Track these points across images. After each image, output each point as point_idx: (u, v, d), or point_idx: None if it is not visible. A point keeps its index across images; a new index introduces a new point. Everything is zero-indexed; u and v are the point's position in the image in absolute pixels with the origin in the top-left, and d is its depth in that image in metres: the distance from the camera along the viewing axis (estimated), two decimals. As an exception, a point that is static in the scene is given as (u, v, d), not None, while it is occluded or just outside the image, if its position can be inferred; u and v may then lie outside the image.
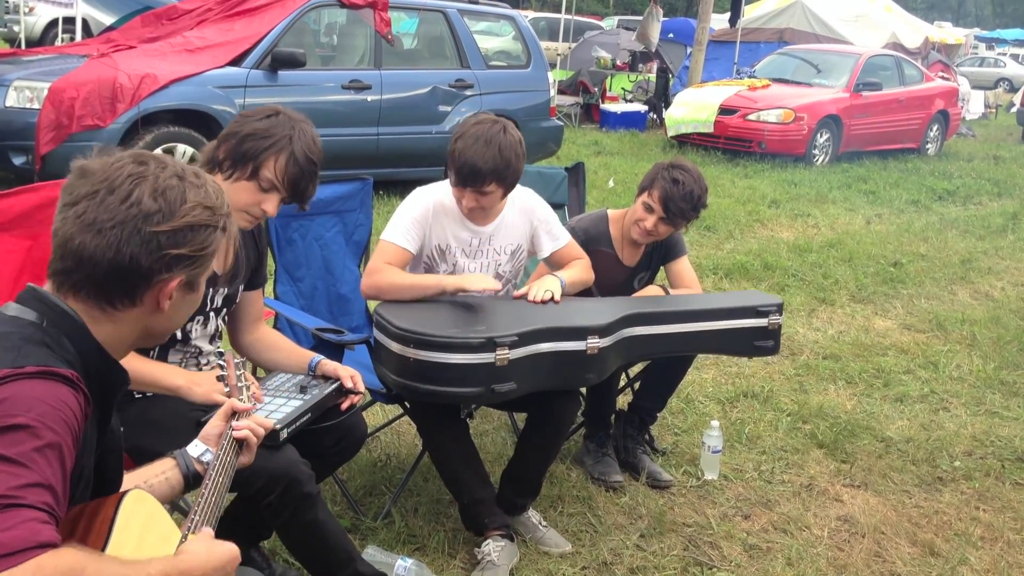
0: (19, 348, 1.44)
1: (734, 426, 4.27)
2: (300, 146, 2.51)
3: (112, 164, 1.56)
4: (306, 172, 2.54)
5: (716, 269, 6.96)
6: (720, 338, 3.43)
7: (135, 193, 1.53)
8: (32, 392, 1.38)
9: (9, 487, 1.28)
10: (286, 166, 2.50)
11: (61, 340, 1.51)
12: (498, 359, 2.82)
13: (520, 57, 9.65)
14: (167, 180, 1.57)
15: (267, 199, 2.53)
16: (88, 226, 1.51)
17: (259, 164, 2.49)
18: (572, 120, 14.81)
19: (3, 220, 2.71)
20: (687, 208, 3.51)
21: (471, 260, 3.29)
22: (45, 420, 1.36)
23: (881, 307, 6.42)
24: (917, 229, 9.06)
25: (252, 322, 2.82)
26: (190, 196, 1.58)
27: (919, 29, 20.28)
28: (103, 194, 1.52)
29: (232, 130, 2.53)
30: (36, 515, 1.27)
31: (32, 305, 1.54)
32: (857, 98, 13.01)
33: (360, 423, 2.78)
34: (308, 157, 2.53)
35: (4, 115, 6.65)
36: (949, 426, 4.47)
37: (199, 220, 1.58)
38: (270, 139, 2.49)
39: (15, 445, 1.31)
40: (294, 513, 2.42)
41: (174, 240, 1.56)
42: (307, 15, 8.02)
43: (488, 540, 3.04)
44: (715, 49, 17.27)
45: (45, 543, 1.26)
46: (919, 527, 3.55)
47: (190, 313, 1.73)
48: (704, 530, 3.41)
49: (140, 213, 1.53)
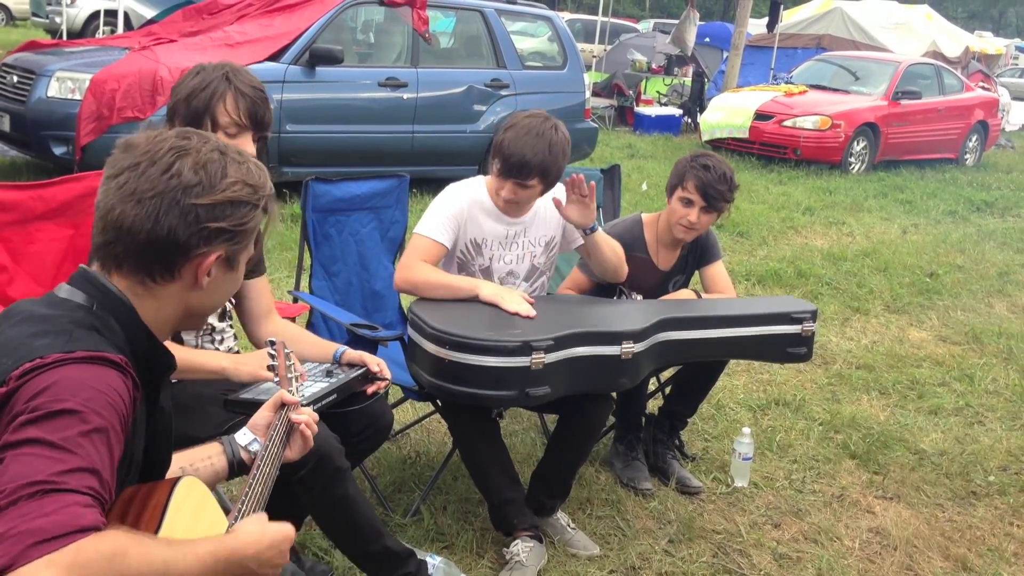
0: (70, 332, 1.45)
1: (765, 434, 4.24)
2: (237, 80, 2.55)
3: (155, 138, 1.57)
4: (256, 100, 2.56)
5: (749, 275, 6.92)
6: (753, 344, 3.40)
7: (176, 165, 1.54)
8: (80, 376, 1.39)
9: (51, 473, 1.28)
10: (236, 103, 2.53)
11: (110, 323, 1.52)
12: (533, 363, 2.82)
13: (556, 58, 9.64)
14: (209, 154, 1.57)
15: (241, 139, 2.55)
16: (128, 196, 1.52)
17: (214, 114, 2.52)
18: (606, 122, 14.78)
19: (47, 208, 2.75)
20: (725, 190, 3.51)
21: (506, 251, 3.29)
22: (92, 404, 1.36)
23: (916, 318, 6.35)
24: (954, 240, 8.95)
25: (265, 314, 2.77)
26: (231, 171, 1.58)
27: (959, 38, 20.04)
28: (144, 165, 1.54)
29: (174, 101, 2.57)
30: (78, 499, 1.28)
31: (82, 287, 1.55)
32: (895, 106, 12.88)
33: (387, 412, 2.78)
34: (251, 85, 2.57)
35: (46, 105, 6.75)
36: (984, 440, 4.41)
37: (239, 196, 1.59)
38: (209, 87, 2.52)
39: (61, 430, 1.32)
40: (325, 487, 2.44)
41: (213, 214, 1.56)
42: (346, 12, 8.06)
43: (517, 540, 3.04)
44: (751, 54, 17.16)
45: (87, 527, 1.26)
46: (952, 541, 3.50)
47: (230, 293, 1.73)
48: (733, 538, 3.39)
49: (180, 184, 1.53)
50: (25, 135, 6.95)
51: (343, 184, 3.62)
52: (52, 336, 1.44)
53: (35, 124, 6.80)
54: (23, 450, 1.30)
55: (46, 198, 2.81)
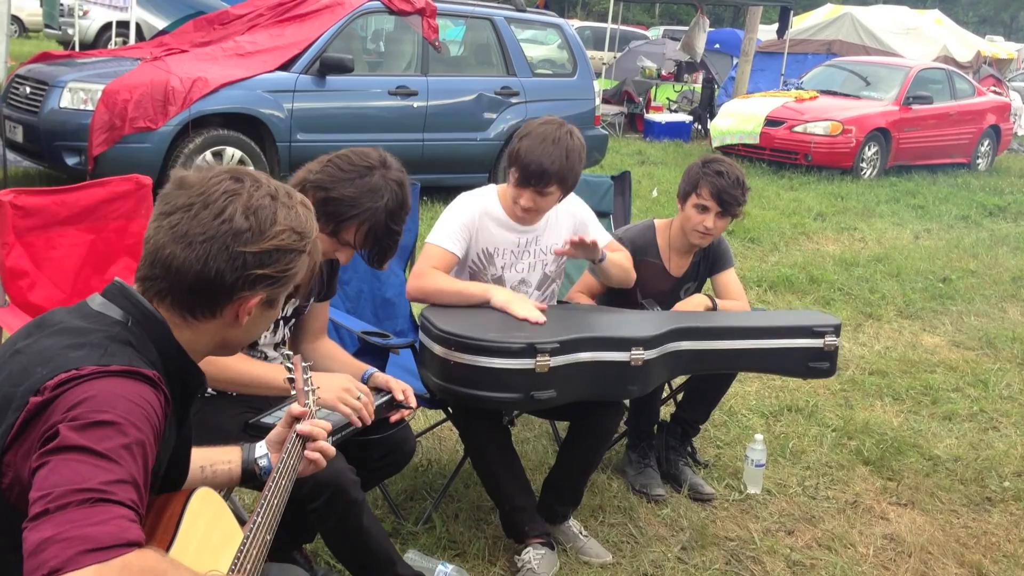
0: (105, 347, 1.47)
1: (778, 440, 4.22)
2: (383, 217, 2.49)
3: (209, 179, 1.59)
4: (384, 240, 2.54)
5: (760, 281, 6.89)
6: (772, 357, 3.35)
7: (228, 210, 1.56)
8: (117, 390, 1.40)
9: (100, 481, 1.30)
10: (367, 236, 2.51)
11: (144, 341, 1.54)
12: (538, 365, 2.81)
13: (566, 65, 9.65)
14: (260, 200, 1.59)
15: (342, 251, 2.56)
16: (180, 238, 1.55)
17: (340, 228, 2.49)
18: (616, 129, 14.77)
19: (68, 214, 2.77)
20: (739, 194, 3.51)
21: (518, 260, 3.29)
22: (130, 417, 1.38)
23: (929, 323, 6.32)
24: (967, 245, 8.91)
25: (316, 333, 2.84)
26: (280, 217, 1.60)
27: (970, 43, 19.99)
28: (198, 208, 1.56)
29: (322, 183, 2.47)
30: (125, 512, 1.30)
31: (118, 302, 1.57)
32: (907, 111, 12.84)
33: (409, 439, 2.78)
34: (390, 228, 2.52)
35: (59, 116, 6.79)
36: (999, 446, 4.39)
37: (287, 244, 1.61)
38: (355, 209, 2.47)
39: (104, 440, 1.34)
40: (339, 519, 2.43)
41: (260, 260, 1.58)
42: (356, 21, 8.09)
43: (528, 548, 3.03)
44: (762, 60, 17.17)
45: (132, 541, 1.28)
46: (967, 548, 3.48)
47: (266, 328, 1.76)
48: (747, 545, 3.37)
49: (231, 230, 1.55)
50: (38, 145, 6.99)
51: (354, 192, 3.61)
52: (88, 349, 1.45)
53: (48, 134, 6.83)
54: (68, 456, 1.31)
55: (68, 203, 2.84)
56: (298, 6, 8.14)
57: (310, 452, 1.91)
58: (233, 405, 2.53)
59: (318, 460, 1.93)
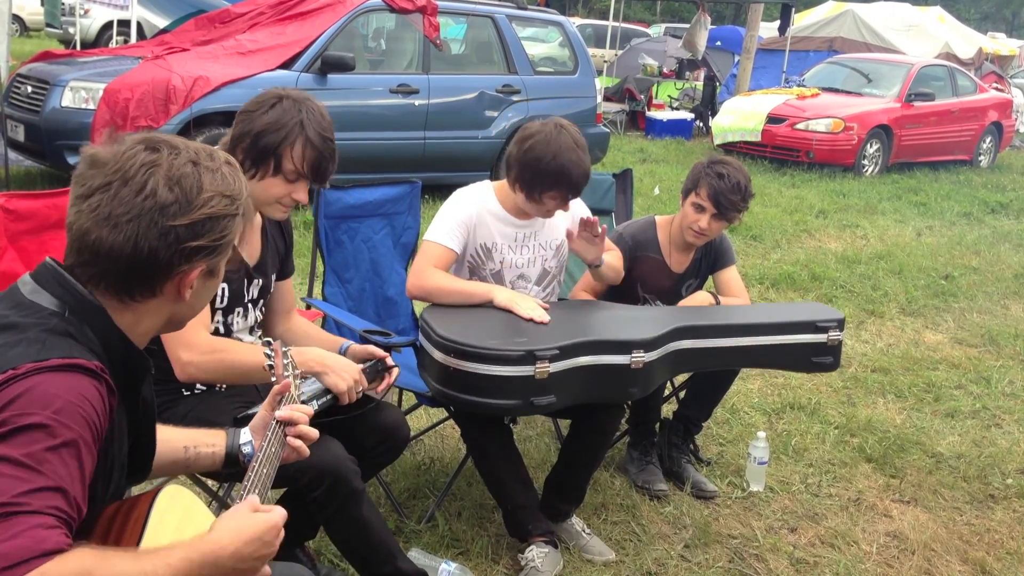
0: (43, 341, 1.40)
1: (780, 438, 4.22)
2: (312, 129, 2.47)
3: (124, 153, 1.49)
4: (324, 153, 2.49)
5: (762, 279, 6.89)
6: (776, 353, 3.34)
7: (149, 183, 1.46)
8: (51, 388, 1.34)
9: (13, 494, 1.23)
10: (304, 153, 2.46)
11: (83, 330, 1.46)
12: (538, 372, 2.79)
13: (567, 63, 9.64)
14: (182, 167, 1.50)
15: (296, 188, 2.51)
16: (104, 220, 1.46)
17: (279, 158, 2.46)
18: (618, 127, 14.76)
19: (61, 217, 2.74)
20: (737, 200, 3.48)
21: (517, 255, 3.29)
22: (62, 417, 1.32)
23: (932, 320, 6.31)
24: (969, 242, 8.90)
25: (285, 312, 2.82)
26: (206, 183, 1.51)
27: (972, 40, 19.96)
28: (117, 186, 1.46)
29: (243, 130, 2.48)
30: (41, 520, 1.23)
31: (52, 289, 1.48)
32: (908, 108, 12.82)
33: (403, 426, 2.78)
34: (323, 136, 2.49)
35: (60, 115, 6.79)
36: (1001, 443, 4.38)
37: (218, 210, 1.52)
38: (282, 130, 2.44)
39: (27, 445, 1.28)
40: (339, 508, 2.43)
41: (193, 232, 1.50)
42: (357, 20, 8.09)
43: (532, 546, 3.03)
44: (763, 57, 17.15)
45: (50, 551, 1.21)
46: (970, 545, 3.48)
47: (212, 296, 1.69)
48: (750, 542, 3.37)
49: (156, 205, 1.46)
50: (40, 145, 7.00)
51: (355, 191, 3.62)
52: (24, 345, 1.38)
53: (49, 134, 6.84)
54: None
55: (61, 207, 2.82)
56: (299, 4, 8.15)
57: (292, 439, 1.83)
58: (223, 400, 2.52)
59: (300, 447, 1.84)
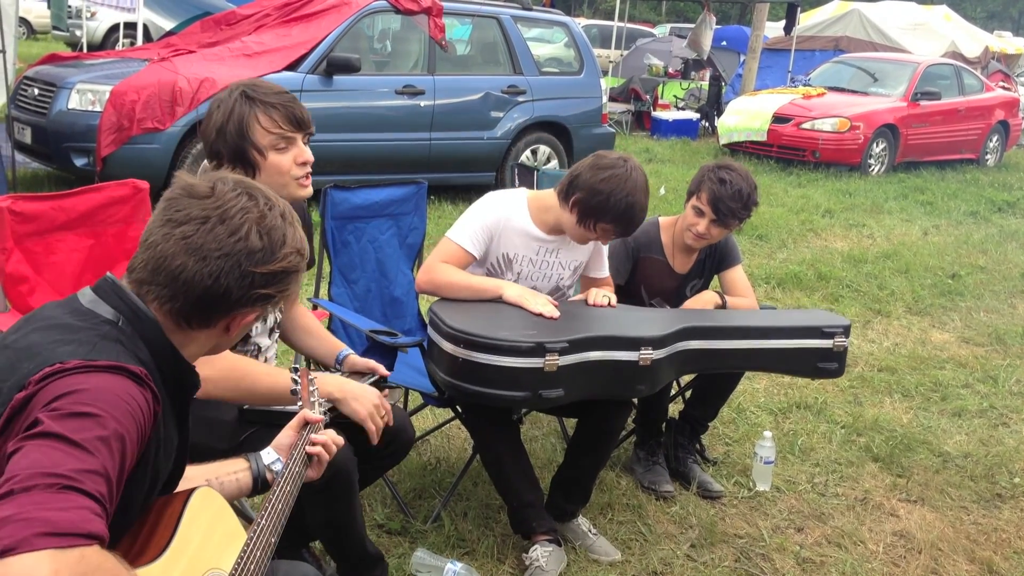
0: (94, 344, 1.46)
1: (787, 437, 4.21)
2: (257, 94, 2.43)
3: (226, 192, 1.59)
4: (286, 102, 2.46)
5: (768, 278, 6.88)
6: (781, 357, 3.34)
7: (244, 228, 1.56)
8: (101, 384, 1.39)
9: (72, 469, 1.28)
10: (269, 115, 2.42)
11: (135, 340, 1.53)
12: (547, 364, 2.81)
13: (573, 64, 9.64)
14: (273, 220, 1.60)
15: (293, 147, 2.47)
16: (194, 250, 1.54)
17: (254, 139, 2.41)
18: (623, 127, 14.76)
19: (67, 219, 2.77)
20: (737, 207, 3.45)
21: (536, 269, 3.28)
22: (111, 411, 1.37)
23: (938, 319, 6.30)
24: (976, 241, 8.88)
25: (291, 300, 2.79)
26: (289, 238, 1.61)
27: (978, 39, 19.89)
28: (214, 222, 1.55)
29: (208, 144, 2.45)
30: (90, 504, 1.28)
31: (110, 300, 1.56)
32: (915, 107, 12.80)
33: (408, 428, 2.78)
34: (274, 92, 2.46)
35: (67, 117, 6.81)
36: (1009, 442, 4.37)
37: (292, 265, 1.62)
38: (234, 116, 2.40)
39: (81, 431, 1.33)
40: (332, 500, 2.45)
41: (266, 280, 1.59)
42: (362, 21, 8.09)
43: (536, 545, 3.03)
44: (769, 57, 17.11)
45: (94, 534, 1.25)
46: (977, 544, 3.47)
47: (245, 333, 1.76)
48: (756, 542, 3.37)
49: (245, 249, 1.56)
50: (46, 147, 7.01)
51: (361, 191, 3.63)
52: (75, 344, 1.45)
53: (56, 136, 6.86)
54: (42, 442, 1.30)
55: (66, 208, 2.84)
56: (305, 6, 8.15)
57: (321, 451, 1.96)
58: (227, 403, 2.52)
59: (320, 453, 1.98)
